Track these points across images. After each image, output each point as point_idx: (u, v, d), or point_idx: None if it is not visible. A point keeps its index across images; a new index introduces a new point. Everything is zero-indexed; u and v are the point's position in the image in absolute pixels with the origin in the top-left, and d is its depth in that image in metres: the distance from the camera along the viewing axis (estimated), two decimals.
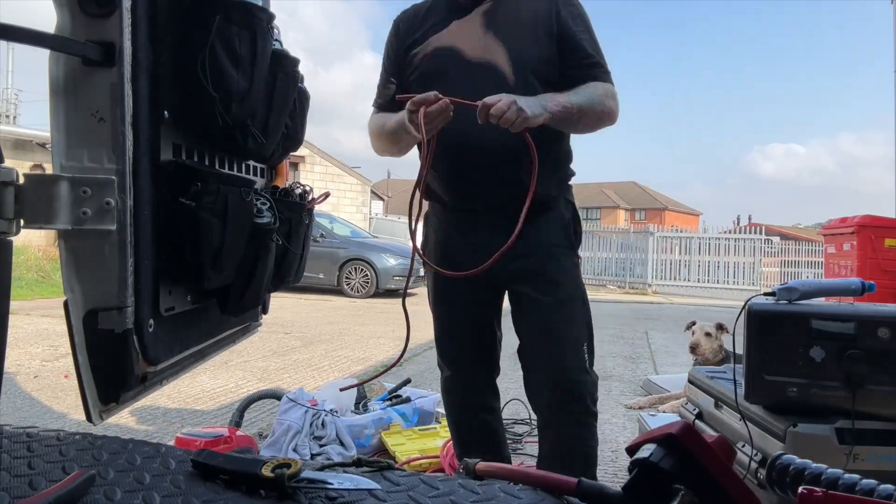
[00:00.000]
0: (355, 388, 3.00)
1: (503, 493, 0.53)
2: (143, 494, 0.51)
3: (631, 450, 0.47)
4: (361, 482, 0.54)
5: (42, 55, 0.91)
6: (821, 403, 1.73)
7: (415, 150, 1.84)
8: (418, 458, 2.58)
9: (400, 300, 1.62)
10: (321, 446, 2.59)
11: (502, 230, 1.55)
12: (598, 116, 1.62)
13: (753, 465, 1.73)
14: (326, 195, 1.62)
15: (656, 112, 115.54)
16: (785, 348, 1.77)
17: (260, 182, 1.53)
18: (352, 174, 20.94)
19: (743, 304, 1.85)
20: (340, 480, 0.54)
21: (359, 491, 0.51)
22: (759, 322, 1.80)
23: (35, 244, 10.98)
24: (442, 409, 2.48)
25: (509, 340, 1.84)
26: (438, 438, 2.78)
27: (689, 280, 15.71)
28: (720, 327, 3.95)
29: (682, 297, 13.81)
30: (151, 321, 0.98)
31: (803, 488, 0.45)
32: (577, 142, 1.82)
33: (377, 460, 0.59)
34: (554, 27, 1.65)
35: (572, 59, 1.66)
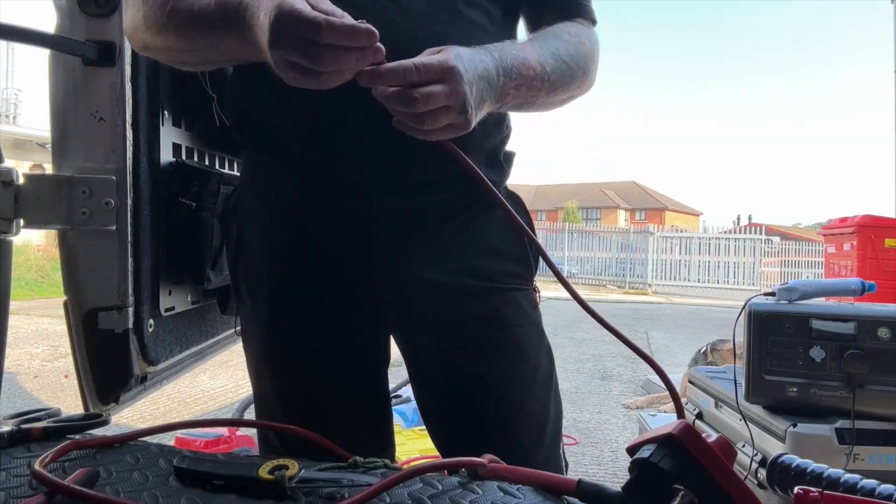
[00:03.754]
0: None
1: (503, 492, 0.53)
2: (145, 494, 0.51)
3: (631, 450, 0.47)
4: (360, 481, 0.54)
5: (42, 55, 0.91)
6: (821, 403, 1.73)
7: None
8: (418, 459, 2.58)
9: None
10: None
11: (414, 226, 0.84)
12: (572, 90, 0.86)
13: (754, 465, 1.73)
14: None
15: (657, 111, 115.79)
16: (785, 348, 1.77)
17: None
18: None
19: (743, 304, 1.86)
20: (338, 480, 0.54)
21: (358, 491, 0.51)
22: (760, 322, 1.80)
23: (35, 244, 10.99)
24: None
25: None
26: None
27: (689, 280, 15.72)
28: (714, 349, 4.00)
29: (683, 297, 13.81)
30: (151, 321, 0.98)
31: (799, 488, 0.45)
32: (574, 141, 1.15)
33: (373, 460, 0.59)
34: None
35: None
